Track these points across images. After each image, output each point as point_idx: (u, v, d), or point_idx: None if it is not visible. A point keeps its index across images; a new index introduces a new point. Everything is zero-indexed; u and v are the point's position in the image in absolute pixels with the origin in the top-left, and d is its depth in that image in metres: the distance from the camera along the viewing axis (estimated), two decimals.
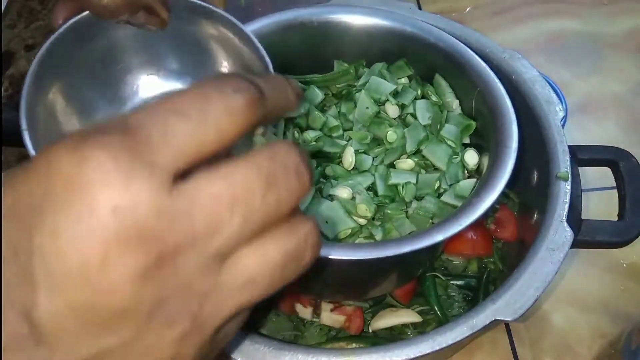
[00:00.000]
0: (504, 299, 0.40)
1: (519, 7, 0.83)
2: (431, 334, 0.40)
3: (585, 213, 0.47)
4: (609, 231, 0.45)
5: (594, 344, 0.55)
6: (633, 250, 0.61)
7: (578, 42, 0.79)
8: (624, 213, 0.45)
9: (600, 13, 0.82)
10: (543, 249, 0.42)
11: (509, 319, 0.39)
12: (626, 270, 0.59)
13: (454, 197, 0.45)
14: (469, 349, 0.56)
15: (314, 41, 0.52)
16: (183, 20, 0.37)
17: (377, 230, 0.44)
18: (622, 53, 0.77)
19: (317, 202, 0.44)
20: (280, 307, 0.52)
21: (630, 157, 0.47)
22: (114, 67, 0.39)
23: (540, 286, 0.41)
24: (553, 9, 0.83)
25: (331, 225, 0.43)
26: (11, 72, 0.86)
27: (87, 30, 0.36)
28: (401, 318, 0.51)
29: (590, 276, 0.59)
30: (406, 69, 0.53)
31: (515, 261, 0.48)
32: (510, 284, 0.41)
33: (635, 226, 0.44)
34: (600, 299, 0.58)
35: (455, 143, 0.48)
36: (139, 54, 0.39)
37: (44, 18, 0.93)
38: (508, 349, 0.56)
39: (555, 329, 0.57)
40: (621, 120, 0.71)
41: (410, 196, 0.45)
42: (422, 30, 0.51)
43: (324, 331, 0.52)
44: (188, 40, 0.39)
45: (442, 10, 0.84)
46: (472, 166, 0.48)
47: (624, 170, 0.47)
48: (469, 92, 0.49)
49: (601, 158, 0.49)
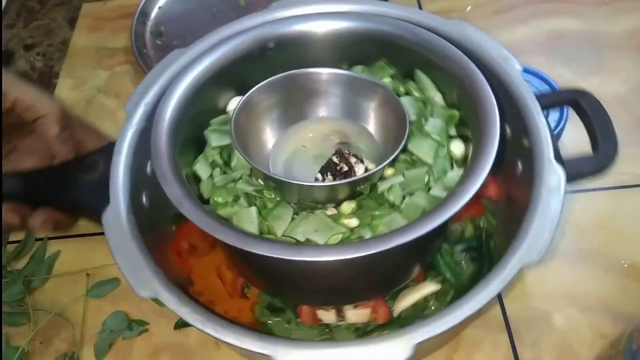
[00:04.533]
0: (523, 247, 0.42)
1: (520, 7, 0.83)
2: (470, 294, 0.41)
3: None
4: (589, 163, 0.47)
5: (594, 344, 0.55)
6: (634, 250, 0.61)
7: (579, 42, 0.79)
8: (597, 144, 0.47)
9: (600, 12, 0.82)
10: (543, 193, 0.43)
11: (535, 261, 0.41)
12: (627, 270, 0.59)
13: (442, 190, 0.46)
14: (469, 349, 0.56)
15: (286, 59, 0.52)
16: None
17: (365, 231, 0.44)
18: (623, 53, 0.77)
19: (304, 217, 0.45)
20: (302, 319, 0.52)
21: (589, 94, 0.49)
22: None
23: (552, 227, 0.42)
24: (554, 8, 0.83)
25: (321, 233, 0.44)
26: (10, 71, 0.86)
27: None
28: (422, 291, 0.52)
29: (591, 276, 0.59)
30: (387, 69, 0.53)
31: (507, 213, 0.51)
32: (525, 232, 0.42)
33: (610, 152, 0.47)
34: (601, 299, 0.58)
35: (441, 136, 0.48)
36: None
37: (42, 18, 0.93)
38: (509, 349, 0.56)
39: (556, 329, 0.56)
40: (622, 120, 0.71)
41: (399, 198, 0.46)
42: (396, 28, 0.51)
43: (352, 329, 0.52)
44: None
45: (443, 9, 0.84)
46: (459, 156, 0.48)
47: (586, 106, 0.49)
48: (450, 83, 0.49)
49: (563, 99, 0.51)
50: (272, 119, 0.51)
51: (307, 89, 0.51)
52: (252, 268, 0.50)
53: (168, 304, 0.41)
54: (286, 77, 0.49)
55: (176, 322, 0.59)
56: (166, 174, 0.43)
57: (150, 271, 0.42)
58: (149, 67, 0.79)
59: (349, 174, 0.46)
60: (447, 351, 0.56)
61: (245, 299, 0.54)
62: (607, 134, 0.48)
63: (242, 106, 0.48)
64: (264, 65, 0.51)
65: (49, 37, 0.89)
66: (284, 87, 0.50)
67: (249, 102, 0.49)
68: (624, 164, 0.67)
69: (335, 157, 0.47)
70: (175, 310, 0.41)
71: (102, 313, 0.60)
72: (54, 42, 0.89)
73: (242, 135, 0.48)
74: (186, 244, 0.54)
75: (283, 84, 0.50)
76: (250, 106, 0.49)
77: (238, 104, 0.48)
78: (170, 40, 0.84)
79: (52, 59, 0.86)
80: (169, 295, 0.42)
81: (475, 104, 0.45)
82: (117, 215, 0.45)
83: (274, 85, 0.49)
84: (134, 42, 0.81)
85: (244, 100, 0.48)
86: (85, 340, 0.59)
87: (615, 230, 0.62)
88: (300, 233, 0.44)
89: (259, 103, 0.50)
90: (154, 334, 0.59)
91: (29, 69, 0.86)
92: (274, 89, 0.50)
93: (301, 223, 0.44)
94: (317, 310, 0.52)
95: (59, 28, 0.91)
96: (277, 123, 0.52)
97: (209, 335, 0.40)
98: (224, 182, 0.47)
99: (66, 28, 0.90)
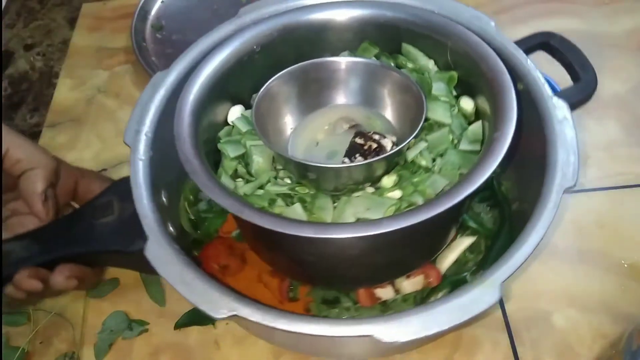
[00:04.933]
0: (558, 176, 0.45)
1: (520, 6, 0.83)
2: (529, 226, 0.43)
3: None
4: (576, 92, 0.51)
5: (594, 344, 0.55)
6: (634, 250, 0.61)
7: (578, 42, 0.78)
8: (577, 75, 0.52)
9: (601, 12, 0.82)
10: (556, 125, 0.47)
11: (573, 185, 0.45)
12: (627, 270, 0.59)
13: (469, 144, 0.48)
14: (469, 350, 0.56)
15: (275, 58, 0.53)
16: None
17: (415, 196, 0.45)
18: (623, 53, 0.77)
19: (347, 201, 0.45)
20: (362, 302, 0.52)
21: (556, 33, 0.54)
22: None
23: (575, 150, 0.46)
24: (554, 8, 0.83)
25: (374, 210, 0.44)
26: (10, 71, 0.86)
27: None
28: (461, 246, 0.55)
29: (591, 276, 0.59)
30: (371, 49, 0.54)
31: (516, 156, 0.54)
32: (553, 162, 0.46)
33: (591, 79, 0.52)
34: (601, 300, 0.58)
35: (448, 97, 0.51)
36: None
37: (42, 17, 0.93)
38: (509, 349, 0.56)
39: (556, 329, 0.56)
40: (622, 120, 0.71)
41: (429, 160, 0.47)
42: (377, 7, 0.52)
43: (409, 300, 0.53)
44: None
45: None
46: (471, 111, 0.50)
47: (557, 45, 0.53)
48: (440, 48, 0.51)
49: (534, 43, 0.54)
50: (289, 109, 0.52)
51: (323, 78, 0.52)
52: (305, 261, 0.50)
53: (254, 319, 0.40)
54: (302, 67, 0.51)
55: (176, 322, 0.59)
56: (196, 167, 0.43)
57: (217, 292, 0.41)
58: (146, 61, 0.79)
59: (379, 150, 0.47)
60: (447, 351, 0.56)
61: (296, 301, 0.54)
62: (584, 64, 0.52)
63: (262, 97, 0.49)
64: (252, 70, 0.52)
65: (49, 37, 0.89)
66: (301, 77, 0.51)
67: (267, 93, 0.50)
68: (624, 163, 0.68)
69: (358, 138, 0.48)
70: (267, 324, 0.40)
71: (102, 313, 0.60)
72: (54, 42, 0.89)
73: (263, 127, 0.48)
74: (216, 265, 0.54)
75: (300, 74, 0.51)
76: (268, 98, 0.50)
77: (258, 96, 0.49)
78: (170, 35, 0.84)
79: (52, 59, 0.86)
80: (249, 309, 0.40)
81: (475, 61, 0.48)
82: (161, 248, 0.44)
83: (291, 74, 0.50)
84: (133, 36, 0.81)
85: (263, 91, 0.49)
86: (85, 340, 0.59)
87: (616, 230, 0.62)
88: (352, 215, 0.44)
89: (278, 94, 0.51)
90: (154, 334, 0.59)
91: (28, 69, 0.86)
92: (292, 79, 0.51)
93: (346, 207, 0.45)
94: (375, 290, 0.53)
95: (59, 28, 0.91)
96: (295, 113, 0.52)
97: (321, 337, 0.40)
98: (251, 190, 0.47)
99: (66, 28, 0.90)
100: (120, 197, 0.49)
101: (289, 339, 0.51)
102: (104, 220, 0.49)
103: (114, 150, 0.74)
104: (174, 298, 0.61)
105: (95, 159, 0.74)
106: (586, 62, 0.52)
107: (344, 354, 0.55)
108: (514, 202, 0.55)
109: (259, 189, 0.48)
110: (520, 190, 0.54)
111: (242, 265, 0.55)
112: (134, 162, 0.48)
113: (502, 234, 0.53)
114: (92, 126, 0.77)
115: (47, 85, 0.83)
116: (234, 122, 0.52)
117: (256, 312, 0.40)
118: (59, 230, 0.49)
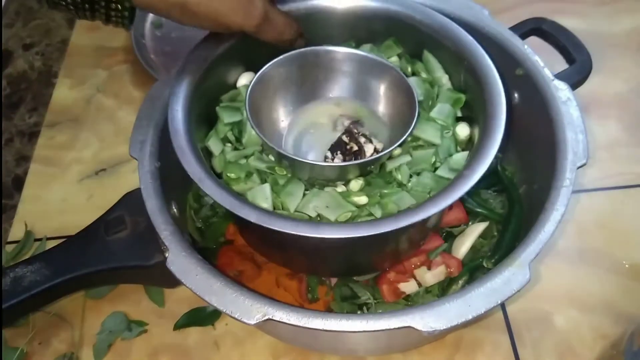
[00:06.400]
0: (570, 153, 0.46)
1: (520, 6, 0.83)
2: (548, 205, 0.44)
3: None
4: (573, 74, 0.53)
5: (595, 345, 0.55)
6: (635, 250, 0.61)
7: None
8: (572, 58, 0.54)
9: (601, 12, 0.82)
10: (561, 106, 0.49)
11: (584, 161, 0.46)
12: (628, 271, 0.59)
13: (448, 171, 0.47)
14: (470, 350, 0.56)
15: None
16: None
17: (375, 209, 0.45)
18: (624, 52, 0.77)
19: (315, 194, 0.46)
20: (386, 297, 0.53)
21: (546, 19, 0.56)
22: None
23: (582, 128, 0.48)
24: (554, 8, 0.82)
25: (331, 210, 0.45)
26: (9, 71, 0.85)
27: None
28: (474, 233, 0.55)
29: (592, 277, 0.59)
30: (395, 48, 0.54)
31: (517, 143, 0.55)
32: (563, 140, 0.47)
33: (586, 62, 0.53)
34: (602, 300, 0.58)
35: (447, 120, 0.50)
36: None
37: (42, 17, 0.92)
38: (510, 350, 0.56)
39: (557, 330, 0.56)
40: (623, 120, 0.71)
41: (406, 177, 0.47)
42: (406, 7, 0.52)
43: (432, 292, 0.53)
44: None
45: None
46: (464, 138, 0.50)
47: (549, 29, 0.55)
48: (457, 65, 0.51)
49: (527, 29, 0.56)
50: (285, 95, 0.52)
51: (320, 67, 0.52)
52: (315, 252, 0.50)
53: (289, 321, 0.40)
54: (301, 53, 0.50)
55: (176, 322, 0.59)
56: (185, 150, 0.43)
57: (247, 298, 0.41)
58: (145, 58, 0.79)
59: (358, 154, 0.47)
60: (447, 352, 0.56)
61: (316, 302, 0.54)
62: (577, 46, 0.54)
63: (258, 81, 0.48)
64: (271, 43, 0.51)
65: (48, 37, 0.89)
66: (298, 64, 0.51)
67: (264, 77, 0.49)
68: (625, 164, 0.68)
69: (345, 136, 0.48)
70: (306, 325, 0.40)
71: (101, 314, 0.60)
72: (52, 41, 0.88)
73: (256, 111, 0.48)
74: (231, 272, 0.54)
75: (298, 60, 0.50)
76: (265, 81, 0.49)
77: (254, 79, 0.48)
78: (169, 32, 0.84)
79: (51, 58, 0.86)
80: (283, 312, 0.40)
81: (481, 87, 0.47)
82: (183, 259, 0.43)
83: (289, 60, 0.50)
84: (132, 33, 0.81)
85: (259, 75, 0.49)
86: (84, 341, 0.59)
87: (616, 230, 0.62)
88: (312, 208, 0.45)
89: (274, 78, 0.50)
90: (153, 334, 0.59)
91: (27, 68, 0.86)
92: (289, 64, 0.50)
93: (313, 199, 0.45)
94: (399, 284, 0.53)
95: (58, 27, 0.90)
96: (290, 100, 0.52)
97: (363, 333, 0.40)
98: (235, 158, 0.48)
99: (65, 27, 0.90)
100: (131, 211, 0.48)
101: (320, 337, 0.50)
102: (117, 236, 0.48)
103: (113, 149, 0.74)
104: (173, 298, 0.60)
105: (94, 158, 0.73)
106: (579, 43, 0.54)
107: (369, 349, 0.55)
108: (521, 185, 0.56)
109: (242, 158, 0.48)
110: (527, 173, 0.56)
111: (257, 270, 0.55)
112: (142, 174, 0.47)
113: (512, 217, 0.54)
114: (91, 126, 0.77)
115: (46, 85, 0.83)
116: (241, 88, 0.52)
117: (291, 315, 0.40)
118: (71, 251, 0.48)
